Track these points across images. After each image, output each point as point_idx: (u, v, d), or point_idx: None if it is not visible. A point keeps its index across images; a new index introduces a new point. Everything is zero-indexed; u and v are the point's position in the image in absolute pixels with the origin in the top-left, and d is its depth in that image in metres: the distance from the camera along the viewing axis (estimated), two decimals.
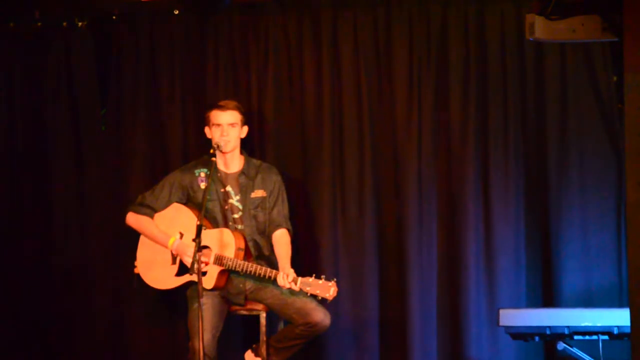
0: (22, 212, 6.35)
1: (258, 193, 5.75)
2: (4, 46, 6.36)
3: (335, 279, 5.40)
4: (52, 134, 6.36)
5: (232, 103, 5.78)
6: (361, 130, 6.09)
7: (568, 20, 4.50)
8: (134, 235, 5.88)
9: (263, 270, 5.45)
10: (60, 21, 6.34)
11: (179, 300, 5.86)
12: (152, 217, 5.73)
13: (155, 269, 5.69)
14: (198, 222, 5.17)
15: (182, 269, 5.60)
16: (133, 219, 5.75)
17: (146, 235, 5.73)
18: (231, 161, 5.78)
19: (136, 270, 5.75)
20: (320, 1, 6.16)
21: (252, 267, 5.47)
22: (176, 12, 6.24)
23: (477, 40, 6.00)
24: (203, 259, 5.41)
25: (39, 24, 6.34)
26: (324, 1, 6.16)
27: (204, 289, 5.41)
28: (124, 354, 6.23)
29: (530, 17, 4.60)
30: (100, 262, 6.27)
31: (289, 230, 5.72)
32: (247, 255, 5.60)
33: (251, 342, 5.70)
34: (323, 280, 5.37)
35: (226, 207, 5.70)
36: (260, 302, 5.64)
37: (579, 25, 4.52)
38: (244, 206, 5.71)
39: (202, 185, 5.69)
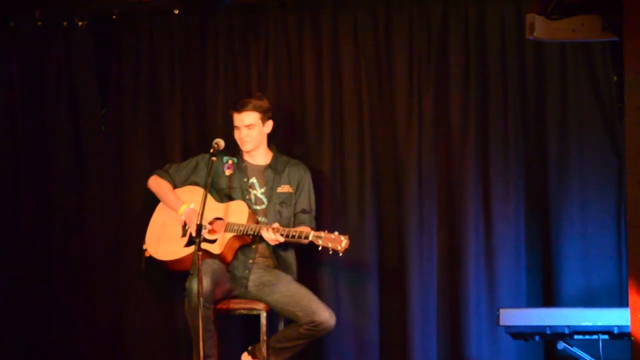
0: (23, 212, 6.35)
1: (285, 188, 5.77)
2: (4, 46, 6.36)
3: (347, 235, 5.40)
4: (52, 134, 6.37)
5: (251, 103, 5.73)
6: (361, 130, 6.09)
7: (568, 20, 4.50)
8: (134, 235, 5.90)
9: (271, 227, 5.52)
10: (60, 21, 6.35)
11: (178, 297, 5.86)
12: (172, 185, 5.82)
13: (165, 243, 5.72)
14: (198, 222, 5.18)
15: (192, 241, 5.61)
16: (154, 182, 5.85)
17: (162, 199, 5.80)
18: (256, 154, 5.81)
19: (147, 254, 5.76)
20: (320, 1, 6.17)
21: (266, 227, 5.50)
22: (176, 12, 6.25)
23: (477, 40, 6.00)
24: (208, 228, 5.53)
25: (39, 24, 6.34)
26: (324, 1, 6.16)
27: (211, 255, 5.50)
28: (123, 352, 6.23)
29: (530, 17, 4.60)
30: (101, 262, 6.27)
31: (312, 229, 5.70)
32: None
33: (251, 342, 5.70)
34: (336, 234, 5.38)
35: (247, 197, 5.72)
36: (263, 299, 5.63)
37: (579, 25, 4.52)
38: (268, 199, 5.73)
39: (227, 172, 5.75)
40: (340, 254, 5.40)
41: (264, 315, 5.61)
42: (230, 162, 5.81)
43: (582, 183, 5.90)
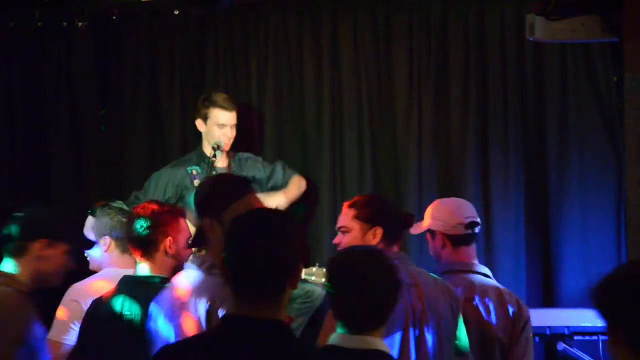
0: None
1: (254, 172, 5.76)
2: (4, 46, 6.36)
3: None
4: (52, 134, 6.36)
5: (231, 102, 5.77)
6: (361, 130, 6.09)
7: (568, 20, 4.51)
8: None
9: None
10: (60, 21, 6.34)
11: None
12: None
13: None
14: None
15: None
16: None
17: None
18: (221, 157, 5.77)
19: None
20: (320, 1, 6.16)
21: None
22: (176, 12, 6.24)
23: (477, 40, 6.00)
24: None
25: (39, 24, 6.33)
26: (324, 1, 6.16)
27: None
28: None
29: (530, 17, 4.61)
30: None
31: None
32: None
33: None
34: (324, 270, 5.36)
35: None
36: None
37: (579, 25, 4.52)
38: None
39: (196, 183, 5.70)
40: None
41: None
42: (194, 172, 5.72)
43: (582, 183, 5.90)
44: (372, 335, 2.99)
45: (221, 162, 5.77)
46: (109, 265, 4.48)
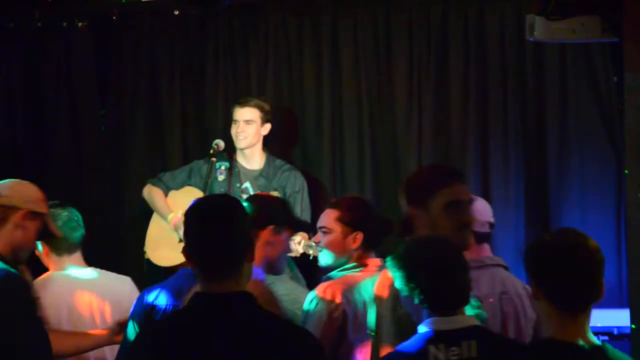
0: None
1: (273, 194, 5.78)
2: (4, 46, 6.36)
3: None
4: (52, 134, 6.37)
5: (254, 100, 5.80)
6: (361, 130, 6.10)
7: (568, 21, 4.50)
8: (134, 235, 5.89)
9: None
10: (60, 21, 6.34)
11: None
12: (165, 193, 5.83)
13: (162, 248, 5.73)
14: None
15: None
16: (147, 190, 5.89)
17: (153, 206, 5.85)
18: (251, 158, 5.82)
19: (146, 256, 5.81)
20: (320, 1, 6.17)
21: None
22: (176, 12, 6.24)
23: (477, 40, 6.00)
24: None
25: (39, 24, 6.33)
26: (324, 1, 6.16)
27: None
28: None
29: (530, 17, 4.60)
30: (100, 262, 6.26)
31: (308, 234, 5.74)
32: None
33: None
34: None
35: None
36: None
37: (579, 25, 4.52)
38: None
39: (220, 177, 5.77)
40: None
41: None
42: (222, 167, 5.80)
43: (582, 183, 5.90)
44: (463, 313, 3.13)
45: (252, 164, 5.83)
46: (53, 269, 4.43)
